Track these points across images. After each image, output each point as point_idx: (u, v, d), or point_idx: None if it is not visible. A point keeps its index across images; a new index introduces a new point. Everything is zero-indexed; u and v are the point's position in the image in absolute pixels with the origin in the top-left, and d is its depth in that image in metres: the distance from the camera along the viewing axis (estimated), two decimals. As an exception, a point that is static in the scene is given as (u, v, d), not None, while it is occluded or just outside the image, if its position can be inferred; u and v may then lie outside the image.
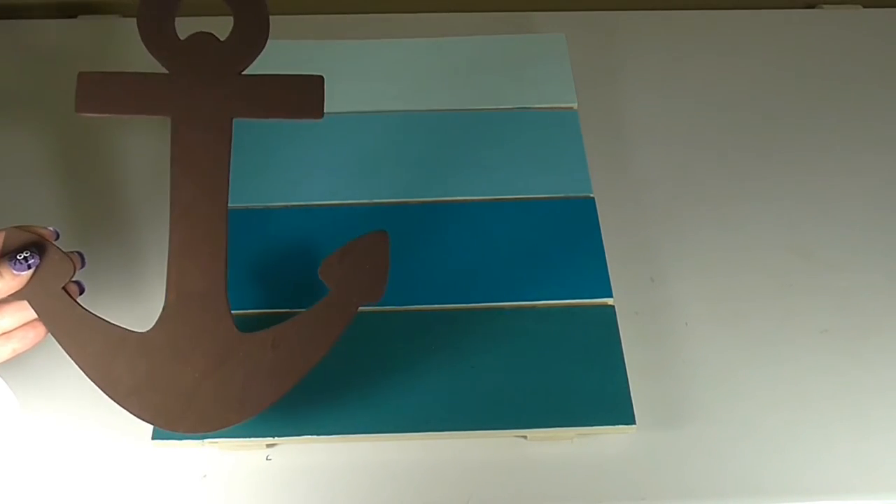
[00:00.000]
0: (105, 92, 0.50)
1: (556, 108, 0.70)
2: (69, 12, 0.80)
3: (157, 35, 0.51)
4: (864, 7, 0.82)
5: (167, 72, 0.51)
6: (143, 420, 0.46)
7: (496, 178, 0.65)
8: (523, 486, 0.52)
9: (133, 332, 0.47)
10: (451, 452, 0.53)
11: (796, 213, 0.65)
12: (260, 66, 0.73)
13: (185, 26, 0.54)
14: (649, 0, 0.82)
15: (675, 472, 0.52)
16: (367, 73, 0.72)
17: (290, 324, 0.47)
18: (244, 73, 0.51)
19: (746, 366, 0.57)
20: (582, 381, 0.54)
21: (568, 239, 0.61)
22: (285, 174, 0.65)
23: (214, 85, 0.50)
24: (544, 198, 0.64)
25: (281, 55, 0.73)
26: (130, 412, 0.46)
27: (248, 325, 0.48)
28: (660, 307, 0.60)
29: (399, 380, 0.54)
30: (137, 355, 0.46)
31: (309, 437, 0.52)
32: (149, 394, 0.46)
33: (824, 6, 0.83)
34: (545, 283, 0.59)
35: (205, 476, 0.52)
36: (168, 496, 0.51)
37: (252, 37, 0.52)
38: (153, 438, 0.52)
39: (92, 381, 0.46)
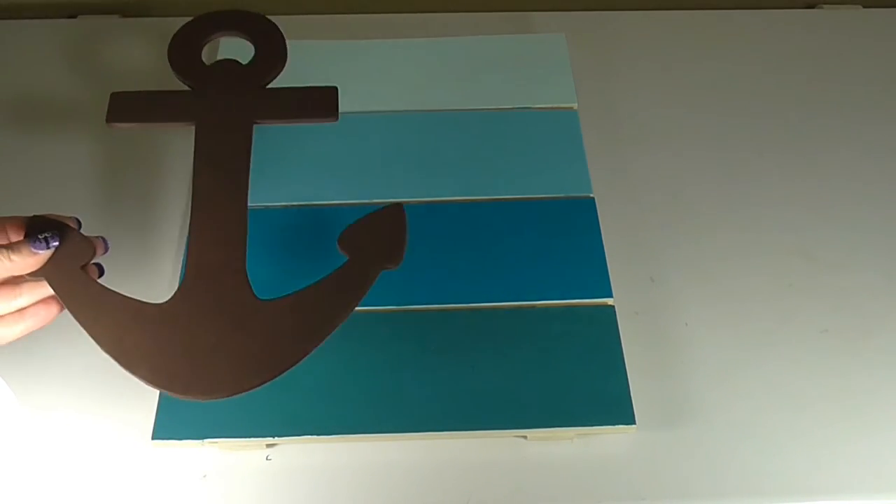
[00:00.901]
0: (133, 105, 0.54)
1: (556, 108, 0.70)
2: (69, 12, 0.80)
3: (185, 63, 0.56)
4: (864, 7, 0.82)
5: (191, 89, 0.55)
6: (155, 386, 0.45)
7: (496, 178, 0.65)
8: (523, 486, 0.52)
9: (150, 304, 0.47)
10: (451, 452, 0.53)
11: (796, 213, 0.65)
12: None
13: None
14: (649, 0, 0.82)
15: (675, 472, 0.52)
16: (368, 73, 0.72)
17: (311, 288, 0.48)
18: (266, 86, 0.55)
19: (746, 366, 0.57)
20: (582, 381, 0.54)
21: (568, 239, 0.61)
22: (285, 174, 0.65)
23: (236, 96, 0.54)
24: (544, 198, 0.64)
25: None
26: (142, 379, 0.45)
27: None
28: (660, 307, 0.60)
29: (399, 380, 0.54)
30: (153, 325, 0.46)
31: (309, 437, 0.52)
32: (161, 360, 0.45)
33: (824, 6, 0.83)
34: (545, 283, 0.59)
35: (205, 476, 0.52)
36: (168, 496, 0.51)
37: (272, 61, 0.56)
38: (153, 438, 0.52)
39: (104, 351, 0.46)
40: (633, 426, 0.53)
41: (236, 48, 0.59)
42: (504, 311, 0.58)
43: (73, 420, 0.54)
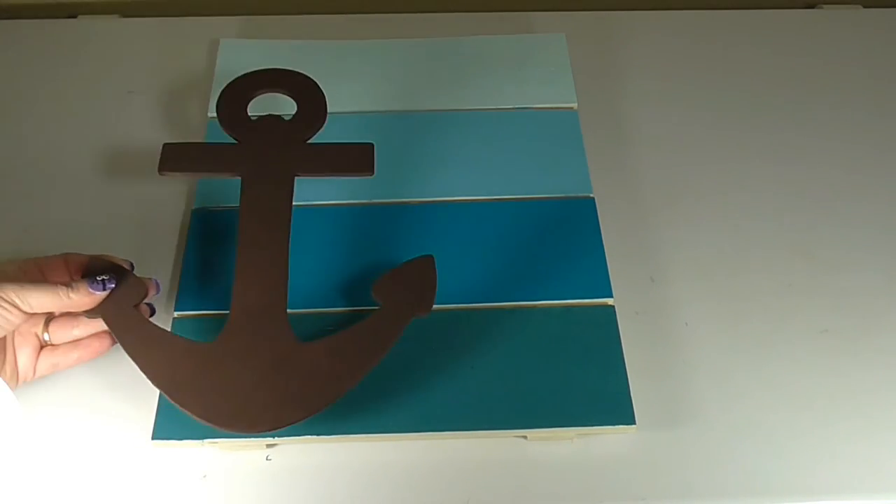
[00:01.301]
0: (183, 156, 0.58)
1: (556, 108, 0.70)
2: (69, 12, 0.80)
3: (232, 116, 0.59)
4: (864, 7, 0.82)
5: (237, 142, 0.59)
6: (203, 421, 0.48)
7: (496, 178, 0.65)
8: (523, 486, 0.52)
9: (197, 343, 0.51)
10: (451, 452, 0.53)
11: (796, 213, 0.65)
12: (262, 65, 0.73)
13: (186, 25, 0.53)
14: (649, 0, 0.82)
15: (675, 472, 0.52)
16: (367, 74, 0.72)
17: (346, 333, 0.51)
18: (307, 141, 0.59)
19: (746, 366, 0.57)
20: (582, 381, 0.54)
21: (568, 239, 0.61)
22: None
23: (280, 150, 0.58)
24: (544, 198, 0.64)
25: (282, 55, 0.74)
26: (191, 413, 0.48)
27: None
28: (660, 307, 0.60)
29: (399, 380, 0.54)
30: (200, 363, 0.50)
31: (309, 437, 0.52)
32: (209, 396, 0.49)
33: (824, 6, 0.83)
34: (545, 283, 0.59)
35: (205, 476, 0.52)
36: (168, 496, 0.51)
37: (313, 117, 0.60)
38: (153, 438, 0.52)
39: (156, 386, 0.49)
40: (633, 426, 0.53)
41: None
42: (504, 311, 0.58)
43: (73, 420, 0.54)
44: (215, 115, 0.67)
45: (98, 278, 0.51)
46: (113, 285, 0.51)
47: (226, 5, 0.82)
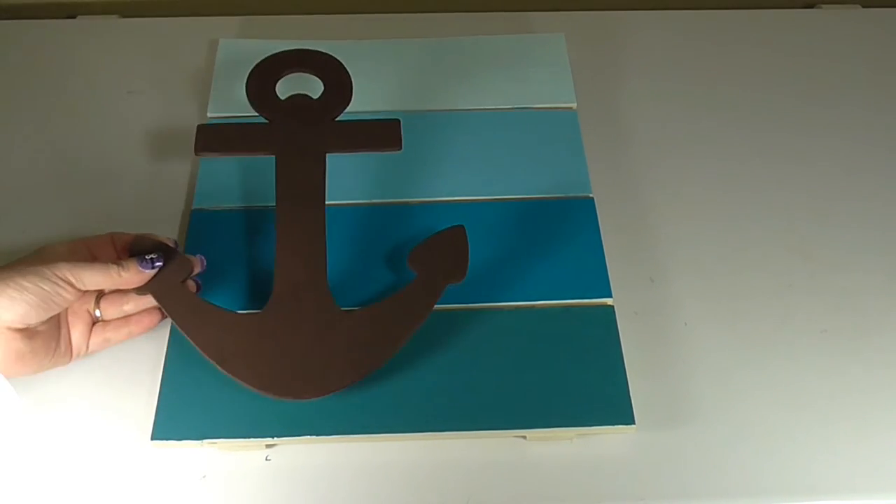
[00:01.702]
0: (217, 136, 0.59)
1: (555, 108, 0.70)
2: (69, 12, 0.80)
3: (261, 97, 0.61)
4: (864, 7, 0.82)
5: (268, 122, 0.60)
6: (255, 389, 0.51)
7: (496, 178, 0.65)
8: (523, 486, 0.52)
9: (244, 314, 0.54)
10: (451, 452, 0.53)
11: (796, 212, 0.65)
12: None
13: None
14: (649, 0, 0.82)
15: (675, 472, 0.52)
16: (367, 74, 0.72)
17: (386, 302, 0.54)
18: (335, 119, 0.60)
19: (746, 366, 0.57)
20: (582, 381, 0.54)
21: (568, 239, 0.61)
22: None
23: (311, 128, 0.59)
24: (544, 198, 0.64)
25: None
26: (243, 382, 0.51)
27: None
28: (660, 307, 0.60)
29: (399, 380, 0.54)
30: (249, 334, 0.52)
31: (309, 437, 0.52)
32: (259, 366, 0.51)
33: (824, 6, 0.83)
34: (545, 283, 0.59)
35: (204, 476, 0.52)
36: (168, 496, 0.51)
37: (340, 96, 0.61)
38: (153, 439, 0.52)
39: (207, 357, 0.52)
40: (633, 426, 0.53)
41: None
42: (504, 311, 0.58)
43: (73, 420, 0.54)
44: (215, 115, 0.67)
45: (147, 257, 0.53)
46: (161, 263, 0.53)
47: (226, 5, 0.82)
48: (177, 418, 0.53)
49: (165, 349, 0.56)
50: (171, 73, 0.75)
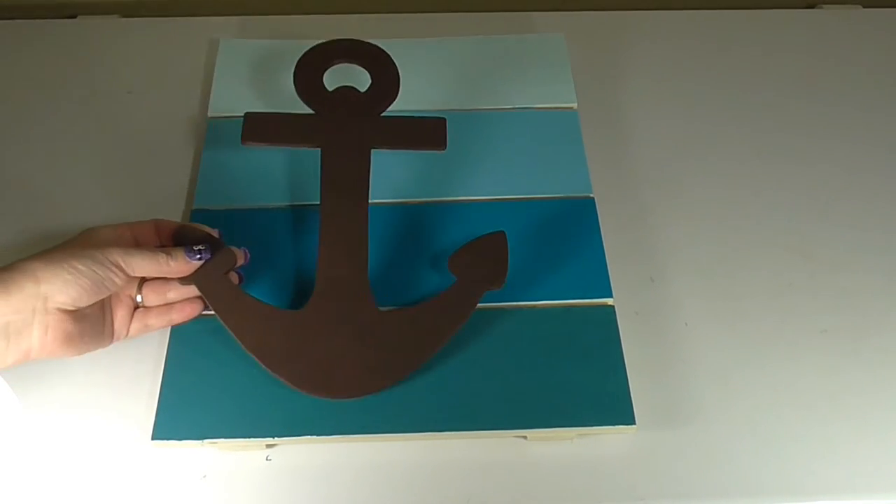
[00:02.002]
0: (264, 127, 0.60)
1: (556, 108, 0.70)
2: (69, 12, 0.80)
3: (308, 86, 0.61)
4: (864, 7, 0.82)
5: (315, 113, 0.60)
6: (294, 386, 0.51)
7: (496, 178, 0.65)
8: (523, 486, 0.52)
9: (287, 311, 0.54)
10: (451, 452, 0.53)
11: (796, 212, 0.65)
12: (261, 65, 0.73)
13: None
14: (649, 0, 0.82)
15: (675, 472, 0.52)
16: (367, 73, 0.72)
17: (426, 304, 0.54)
18: (381, 114, 0.61)
19: (746, 366, 0.57)
20: (582, 381, 0.54)
21: (568, 239, 0.61)
22: (287, 176, 0.65)
23: (357, 122, 0.59)
24: (544, 198, 0.64)
25: (282, 55, 0.74)
26: (282, 379, 0.52)
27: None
28: (660, 307, 0.60)
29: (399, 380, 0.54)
30: (290, 330, 0.53)
31: (309, 437, 0.52)
32: (299, 363, 0.52)
33: (824, 6, 0.83)
34: (545, 283, 0.59)
35: (205, 476, 0.52)
36: (168, 496, 0.51)
37: (387, 89, 0.61)
38: (153, 439, 0.52)
39: (248, 350, 0.52)
40: (633, 426, 0.53)
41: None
42: (504, 311, 0.58)
43: (74, 420, 0.54)
44: (215, 115, 0.67)
45: (195, 248, 0.53)
46: (208, 256, 0.54)
47: (226, 5, 0.82)
48: (177, 418, 0.53)
49: (166, 349, 0.56)
50: (171, 73, 0.75)
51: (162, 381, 0.54)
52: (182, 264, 0.53)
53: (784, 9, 0.82)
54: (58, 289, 0.48)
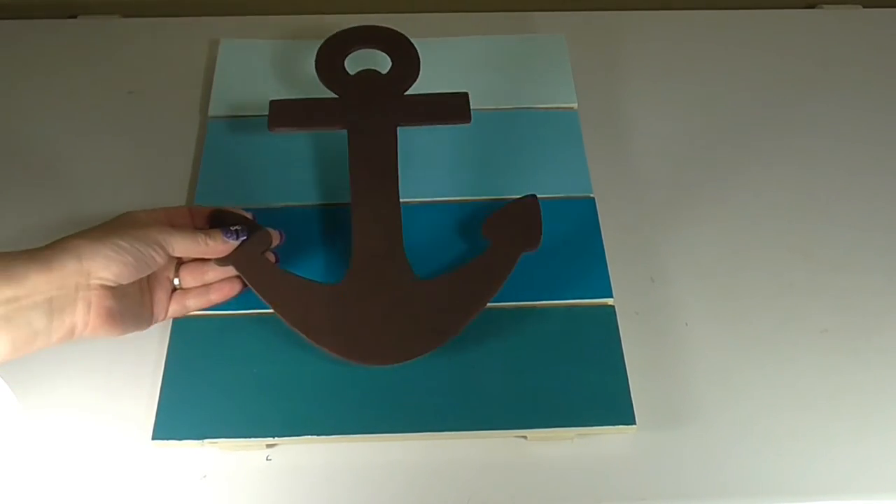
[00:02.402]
0: (290, 112, 0.61)
1: (556, 108, 0.70)
2: (69, 12, 0.80)
3: (330, 71, 0.63)
4: (864, 7, 0.82)
5: (338, 97, 0.62)
6: (337, 356, 0.52)
7: (496, 178, 0.65)
8: (523, 486, 0.52)
9: (325, 284, 0.55)
10: (451, 452, 0.53)
11: (796, 212, 0.65)
12: (262, 65, 0.73)
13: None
14: (649, 0, 0.82)
15: (675, 472, 0.52)
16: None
17: (463, 270, 0.55)
18: (404, 93, 0.62)
19: (746, 366, 0.57)
20: (582, 381, 0.54)
21: (568, 239, 0.61)
22: (288, 175, 0.65)
23: (381, 102, 0.61)
24: (544, 198, 0.63)
25: (282, 55, 0.74)
26: (325, 349, 0.52)
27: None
28: (660, 307, 0.60)
29: (399, 380, 0.54)
30: (330, 303, 0.53)
31: (309, 437, 0.52)
32: (341, 333, 0.52)
33: (824, 6, 0.83)
34: (545, 283, 0.59)
35: (205, 476, 0.52)
36: (168, 496, 0.51)
37: (408, 72, 0.63)
38: (153, 438, 0.52)
39: (289, 325, 0.53)
40: (634, 426, 0.53)
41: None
42: (504, 310, 0.58)
43: (73, 420, 0.54)
44: (215, 115, 0.67)
45: (232, 228, 0.54)
46: (245, 236, 0.55)
47: (226, 5, 0.81)
48: (177, 418, 0.53)
49: (166, 349, 0.56)
50: (171, 73, 0.75)
51: (162, 381, 0.54)
52: (220, 244, 0.54)
53: (784, 9, 0.82)
54: (101, 265, 0.48)
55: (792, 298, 0.60)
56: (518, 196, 0.64)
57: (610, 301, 0.58)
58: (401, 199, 0.63)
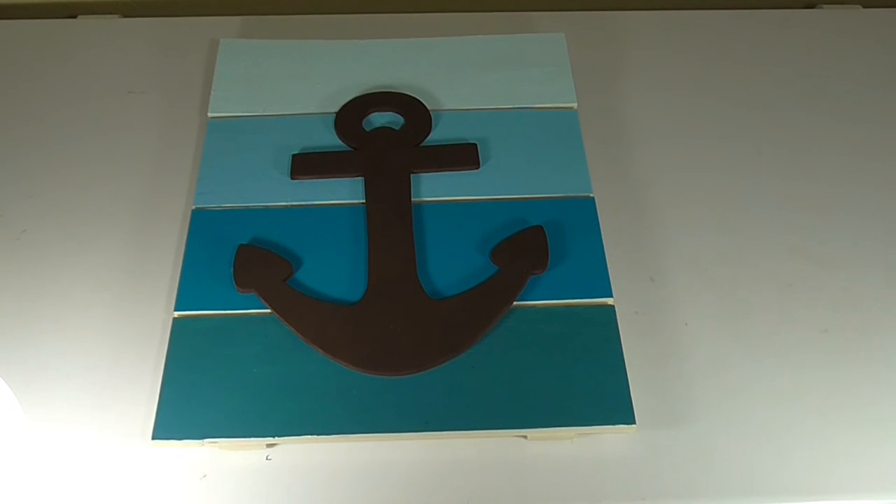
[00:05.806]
0: (311, 164, 0.65)
1: (556, 108, 0.70)
2: (69, 12, 0.80)
3: (349, 131, 0.67)
4: (864, 7, 0.82)
5: (355, 149, 0.66)
6: (354, 368, 0.54)
7: (496, 178, 0.65)
8: (523, 486, 0.52)
9: (342, 305, 0.57)
10: (451, 452, 0.53)
11: (796, 212, 0.65)
12: (261, 65, 0.73)
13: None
14: (649, 0, 0.82)
15: (675, 472, 0.52)
16: (368, 73, 0.72)
17: (475, 290, 0.58)
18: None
19: (746, 365, 0.57)
20: (582, 381, 0.54)
21: (568, 239, 0.61)
22: (287, 176, 0.65)
23: (396, 153, 0.65)
24: (544, 198, 0.64)
25: (282, 54, 0.74)
26: (342, 363, 0.54)
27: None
28: (660, 307, 0.60)
29: (399, 380, 0.54)
30: (347, 322, 0.56)
31: (309, 437, 0.52)
32: (358, 348, 0.55)
33: (824, 6, 0.83)
34: (545, 283, 0.59)
35: (205, 476, 0.52)
36: (168, 496, 0.51)
37: (420, 129, 0.67)
38: (153, 438, 0.52)
39: (309, 342, 0.55)
40: (633, 426, 0.53)
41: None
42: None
43: (73, 420, 0.54)
44: (215, 115, 0.67)
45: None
46: None
47: (226, 5, 0.82)
48: (177, 418, 0.53)
49: (166, 349, 0.56)
50: (171, 73, 0.75)
51: (162, 381, 0.54)
52: None
53: (784, 9, 0.82)
54: None
55: (792, 298, 0.60)
56: (518, 196, 0.64)
57: (609, 301, 0.58)
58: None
